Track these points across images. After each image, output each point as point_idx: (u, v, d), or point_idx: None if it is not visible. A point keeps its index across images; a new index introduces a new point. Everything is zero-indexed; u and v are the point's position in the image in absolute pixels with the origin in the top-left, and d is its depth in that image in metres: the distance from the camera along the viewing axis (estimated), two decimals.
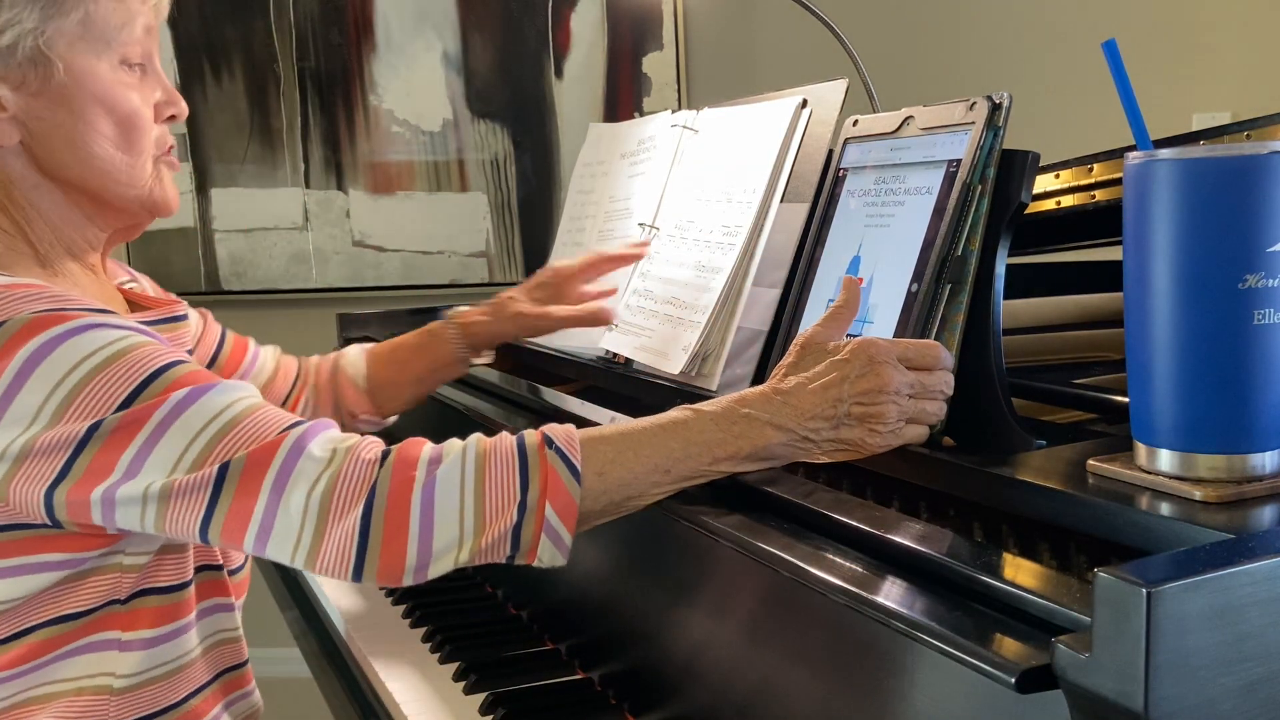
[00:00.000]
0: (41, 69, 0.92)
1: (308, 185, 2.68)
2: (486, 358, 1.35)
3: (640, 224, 1.45)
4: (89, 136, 0.95)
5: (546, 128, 2.77)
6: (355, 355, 1.37)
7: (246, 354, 1.33)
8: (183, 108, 1.02)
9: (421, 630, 1.29)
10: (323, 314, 1.48)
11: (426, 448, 0.85)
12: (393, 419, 1.40)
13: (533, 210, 2.78)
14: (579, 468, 0.84)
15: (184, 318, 1.08)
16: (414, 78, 2.70)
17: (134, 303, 1.09)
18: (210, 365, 1.27)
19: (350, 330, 1.90)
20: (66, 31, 0.92)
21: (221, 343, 1.31)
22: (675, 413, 0.89)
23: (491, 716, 1.07)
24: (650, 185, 1.47)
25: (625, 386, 1.32)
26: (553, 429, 0.87)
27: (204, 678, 1.02)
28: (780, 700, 0.84)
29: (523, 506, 0.82)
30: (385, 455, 0.84)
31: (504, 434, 0.87)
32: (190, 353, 1.09)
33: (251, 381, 1.28)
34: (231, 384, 0.88)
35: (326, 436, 0.86)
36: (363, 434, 1.34)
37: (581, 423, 1.19)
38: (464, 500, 0.82)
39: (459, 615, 1.32)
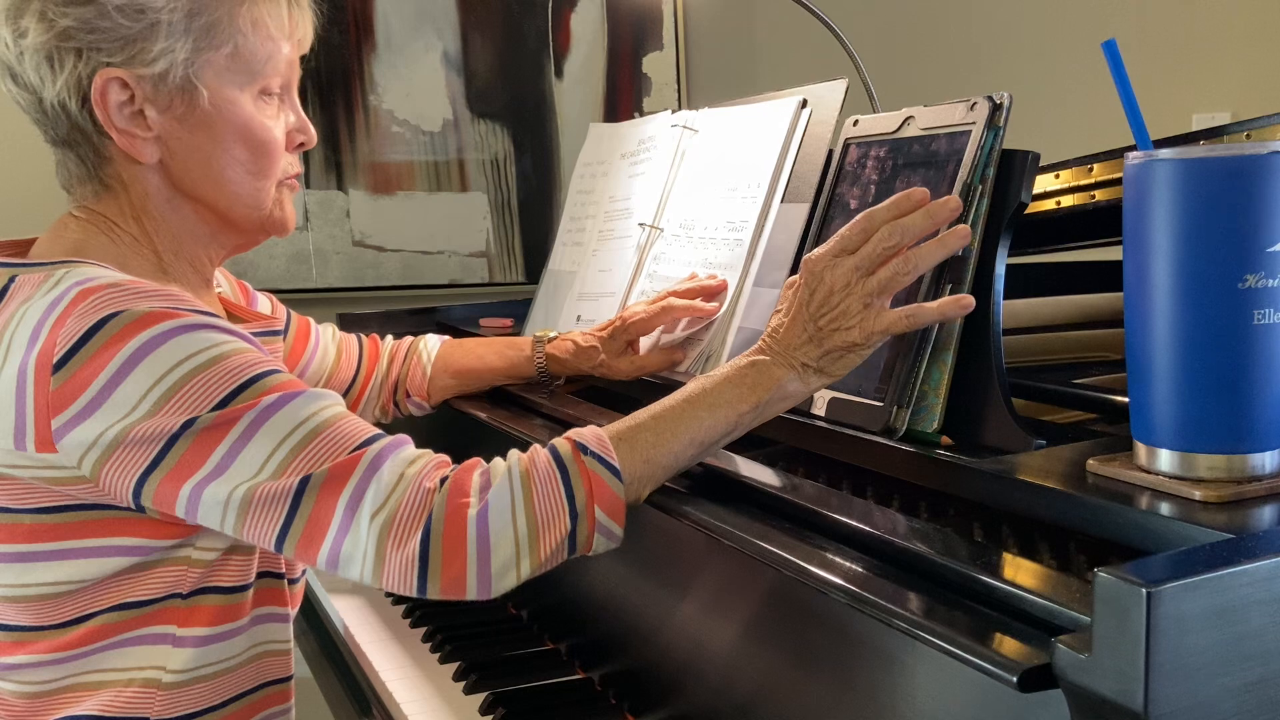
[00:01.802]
0: (188, 96, 0.97)
1: (308, 185, 2.68)
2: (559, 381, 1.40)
3: (640, 224, 1.45)
4: (224, 161, 1.00)
5: (546, 128, 2.77)
6: (434, 345, 1.43)
7: (309, 342, 1.37)
8: (312, 135, 1.07)
9: (421, 630, 1.29)
10: (323, 314, 1.48)
11: (478, 474, 0.89)
12: (435, 408, 1.44)
13: (533, 210, 2.78)
14: (617, 465, 0.89)
15: (280, 333, 1.13)
16: (414, 78, 2.70)
17: (234, 315, 1.13)
18: None
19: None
20: (215, 63, 0.97)
21: (286, 330, 1.34)
22: (692, 385, 0.94)
23: (491, 716, 1.07)
24: (651, 185, 1.47)
25: (625, 386, 1.32)
26: (581, 434, 0.91)
27: (247, 686, 1.03)
28: (781, 700, 0.84)
29: (573, 515, 0.87)
30: (443, 482, 0.87)
31: (536, 448, 0.91)
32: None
33: (315, 367, 1.36)
34: (318, 392, 0.92)
35: (399, 458, 0.89)
36: (409, 415, 1.41)
37: (581, 424, 1.19)
38: (516, 521, 0.86)
39: (459, 615, 1.32)
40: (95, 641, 0.95)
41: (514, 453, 0.91)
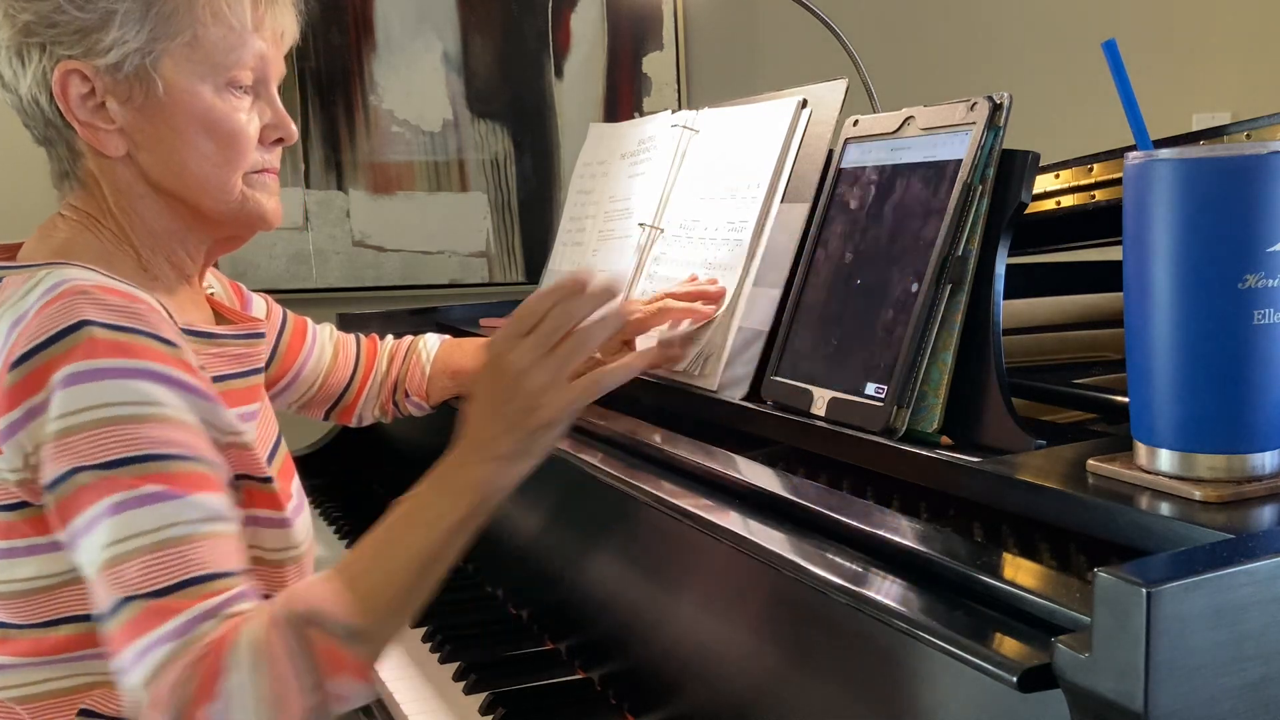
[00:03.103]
0: (145, 86, 0.96)
1: (308, 185, 2.68)
2: None
3: (640, 224, 1.45)
4: (185, 152, 0.99)
5: (546, 128, 2.77)
6: (433, 345, 1.44)
7: (305, 342, 1.37)
8: (291, 131, 1.06)
9: (421, 630, 1.29)
10: (323, 314, 1.48)
11: (224, 659, 0.83)
12: (434, 408, 1.45)
13: (533, 210, 2.78)
14: (348, 623, 0.85)
15: (261, 335, 1.11)
16: (414, 78, 2.69)
17: (221, 315, 1.12)
18: (271, 354, 1.32)
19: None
20: (173, 53, 0.96)
21: (282, 330, 1.34)
22: (401, 507, 0.91)
23: (491, 716, 1.07)
24: (650, 185, 1.47)
25: (625, 386, 1.32)
26: (311, 599, 0.86)
27: None
28: (781, 700, 0.84)
29: (314, 689, 0.84)
30: (189, 676, 0.83)
31: (272, 616, 0.85)
32: (264, 369, 1.11)
33: (312, 366, 1.36)
34: (201, 501, 0.87)
35: (192, 637, 0.84)
36: (409, 415, 1.43)
37: (581, 422, 1.20)
38: (257, 712, 0.83)
39: (459, 615, 1.32)
40: (81, 649, 0.94)
41: (257, 620, 0.85)
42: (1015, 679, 0.59)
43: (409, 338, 1.46)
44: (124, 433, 0.86)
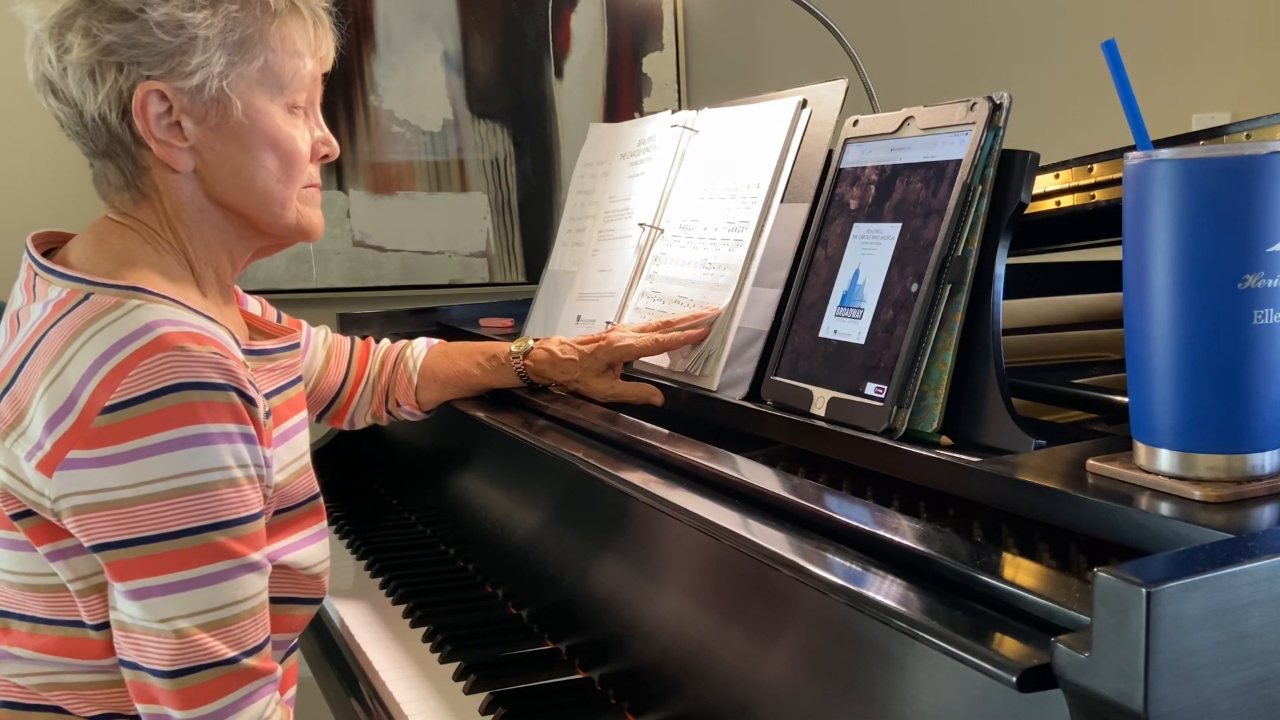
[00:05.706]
0: (222, 107, 1.00)
1: None
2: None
3: (640, 224, 1.45)
4: (253, 169, 1.03)
5: (546, 128, 2.77)
6: (420, 352, 1.45)
7: None
8: (335, 147, 1.13)
9: (422, 630, 1.29)
10: (323, 314, 1.48)
11: None
12: (429, 414, 1.47)
13: (533, 210, 2.78)
14: None
15: (298, 344, 1.15)
16: (414, 78, 2.69)
17: (257, 330, 1.15)
18: None
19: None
20: (248, 76, 1.01)
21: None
22: None
23: (491, 716, 1.07)
24: (650, 185, 1.47)
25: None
26: None
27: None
28: (781, 700, 0.84)
29: None
30: None
31: None
32: (299, 380, 1.14)
33: (303, 369, 1.37)
34: (261, 574, 0.95)
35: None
36: (403, 420, 1.45)
37: (581, 424, 1.19)
38: None
39: (459, 615, 1.32)
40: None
41: None
42: (1015, 679, 0.59)
43: (401, 343, 1.46)
44: (202, 500, 0.91)
